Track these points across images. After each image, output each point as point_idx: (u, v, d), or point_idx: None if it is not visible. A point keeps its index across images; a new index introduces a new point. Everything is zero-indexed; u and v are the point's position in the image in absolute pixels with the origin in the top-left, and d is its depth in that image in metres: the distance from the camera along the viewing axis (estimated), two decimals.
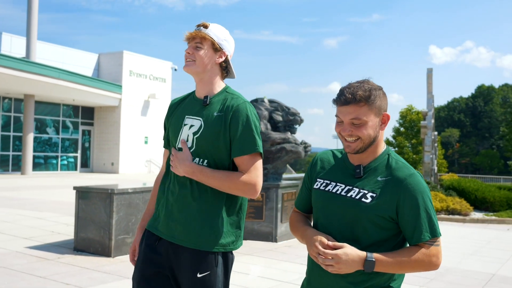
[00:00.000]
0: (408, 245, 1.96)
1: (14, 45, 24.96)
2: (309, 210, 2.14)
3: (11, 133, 25.01)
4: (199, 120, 2.34)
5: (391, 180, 1.90)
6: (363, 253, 1.83)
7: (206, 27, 2.36)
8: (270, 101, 9.14)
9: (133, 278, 2.39)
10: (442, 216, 12.58)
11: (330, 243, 1.86)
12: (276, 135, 8.66)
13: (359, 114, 1.89)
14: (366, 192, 1.91)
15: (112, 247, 6.39)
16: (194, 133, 2.33)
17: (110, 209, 6.41)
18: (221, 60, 2.37)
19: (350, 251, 1.83)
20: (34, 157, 25.16)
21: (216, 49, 2.35)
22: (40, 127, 26.33)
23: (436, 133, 17.81)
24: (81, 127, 28.63)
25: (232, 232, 2.32)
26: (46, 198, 13.19)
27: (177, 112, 2.46)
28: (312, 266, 2.00)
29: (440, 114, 72.39)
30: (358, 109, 1.89)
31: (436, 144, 18.04)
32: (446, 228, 10.95)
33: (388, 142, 34.99)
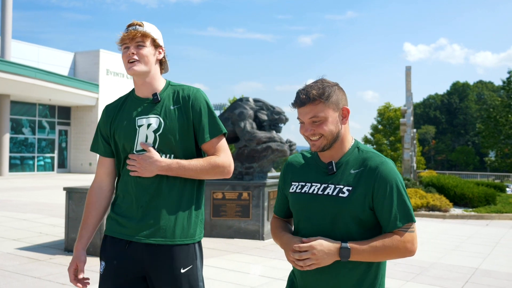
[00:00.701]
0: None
1: None
2: (289, 215, 2.16)
3: None
4: (157, 117, 2.31)
5: (364, 170, 1.92)
6: (337, 242, 1.85)
7: (141, 25, 2.33)
8: (255, 100, 9.20)
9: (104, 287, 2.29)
10: (423, 212, 12.82)
11: (305, 239, 1.87)
12: (262, 134, 8.73)
13: (317, 112, 1.91)
14: (342, 186, 1.92)
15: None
16: (155, 131, 2.29)
17: None
18: (161, 56, 2.38)
19: (324, 242, 1.84)
20: (10, 157, 24.75)
21: (156, 45, 2.35)
22: (16, 127, 25.90)
23: (415, 130, 18.12)
24: (57, 127, 28.26)
25: (200, 222, 2.34)
26: (27, 199, 13.01)
27: (121, 117, 2.38)
28: (299, 275, 2.02)
29: (416, 111, 73.47)
30: (315, 108, 1.91)
31: (414, 142, 18.36)
32: (427, 224, 11.18)
33: (366, 140, 35.43)
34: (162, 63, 2.41)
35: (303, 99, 1.91)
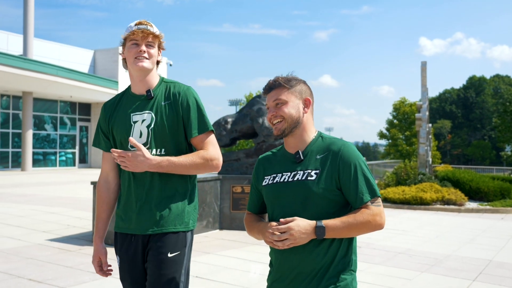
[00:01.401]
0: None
1: (11, 43, 25.08)
2: (262, 210, 2.27)
3: (10, 130, 25.19)
4: (149, 113, 2.42)
5: (328, 154, 2.06)
6: (313, 222, 1.96)
7: (151, 26, 2.44)
8: None
9: (124, 279, 2.48)
10: (438, 206, 12.96)
11: (282, 219, 1.97)
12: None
13: (280, 95, 2.08)
14: (310, 171, 2.05)
15: None
16: (148, 126, 2.41)
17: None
18: (160, 57, 2.52)
19: (300, 222, 1.95)
20: (34, 153, 25.34)
21: (160, 47, 2.48)
22: (39, 123, 26.49)
23: (430, 125, 18.20)
24: (78, 123, 28.82)
25: (193, 212, 2.47)
26: (52, 194, 13.46)
27: (118, 114, 2.50)
28: (276, 256, 2.13)
29: (432, 106, 72.94)
30: (279, 92, 2.09)
31: (430, 136, 18.44)
32: (442, 218, 11.35)
33: (381, 135, 35.38)
34: (158, 62, 2.53)
35: (271, 84, 2.12)
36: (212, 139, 2.48)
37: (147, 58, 2.40)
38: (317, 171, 2.04)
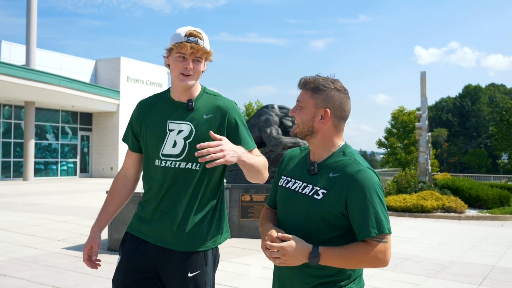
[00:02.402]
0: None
1: (14, 53, 25.29)
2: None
3: (12, 140, 25.33)
4: (188, 124, 2.30)
5: (341, 176, 1.88)
6: (309, 246, 1.82)
7: (202, 38, 2.27)
8: (280, 107, 9.69)
9: (115, 282, 2.36)
10: (439, 214, 13.20)
11: (280, 234, 1.85)
12: (287, 140, 9.22)
13: (302, 98, 1.97)
14: (318, 188, 1.90)
15: None
16: (185, 138, 2.29)
17: None
18: (205, 68, 2.35)
19: (296, 244, 1.82)
20: (35, 163, 25.47)
21: (206, 59, 2.32)
22: (40, 133, 26.64)
23: (430, 134, 18.48)
24: (80, 133, 28.99)
25: (217, 231, 2.36)
26: (60, 202, 13.62)
27: (152, 116, 2.38)
28: (274, 267, 2.09)
29: (428, 114, 73.21)
30: (303, 94, 1.97)
31: (429, 145, 18.72)
32: (443, 225, 11.58)
33: (380, 143, 35.67)
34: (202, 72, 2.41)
35: (302, 82, 1.99)
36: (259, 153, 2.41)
37: (192, 75, 2.28)
38: (325, 191, 1.89)
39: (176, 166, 2.29)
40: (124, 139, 2.51)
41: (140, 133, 2.41)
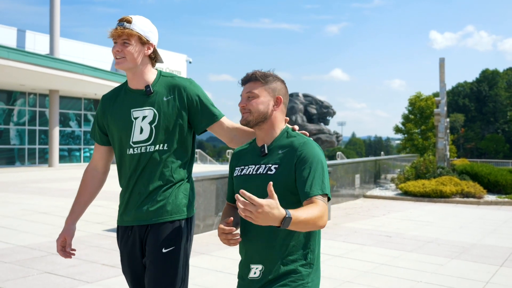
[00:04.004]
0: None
1: (38, 42, 25.83)
2: None
3: (37, 127, 25.98)
4: (151, 109, 2.38)
5: (288, 150, 2.09)
6: (283, 211, 1.77)
7: (129, 22, 2.34)
8: (305, 96, 10.07)
9: (124, 272, 2.50)
10: (458, 199, 13.46)
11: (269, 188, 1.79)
12: (312, 127, 9.60)
13: (253, 89, 2.13)
14: (270, 165, 2.10)
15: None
16: (150, 123, 2.37)
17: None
18: (149, 52, 2.41)
19: (274, 206, 1.74)
20: (60, 149, 26.13)
21: (143, 42, 2.36)
22: (64, 120, 27.26)
23: (448, 119, 18.65)
24: None
25: (190, 199, 2.46)
26: None
27: (116, 109, 2.46)
28: (243, 236, 2.17)
29: None
30: (253, 85, 2.14)
31: (448, 131, 18.91)
32: (462, 210, 11.86)
33: (397, 129, 35.76)
34: (153, 57, 2.45)
35: (248, 77, 2.17)
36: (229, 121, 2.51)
37: (123, 57, 2.35)
38: (276, 166, 2.08)
39: (147, 150, 2.38)
40: (92, 135, 2.62)
41: (107, 127, 2.49)
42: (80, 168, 24.65)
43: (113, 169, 2.49)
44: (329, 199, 2.03)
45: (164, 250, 2.33)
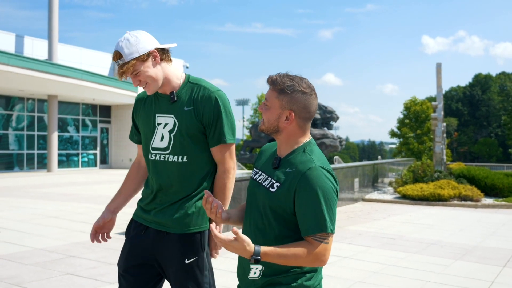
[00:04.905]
0: None
1: (36, 48, 25.91)
2: None
3: (35, 133, 26.02)
4: (171, 117, 2.35)
5: (294, 171, 1.91)
6: (251, 248, 1.81)
7: (121, 57, 2.25)
8: None
9: (118, 265, 2.49)
10: (455, 202, 13.69)
11: (234, 229, 1.82)
12: (316, 131, 9.80)
13: (269, 98, 1.98)
14: (274, 181, 1.95)
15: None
16: (170, 131, 2.35)
17: None
18: (158, 58, 2.31)
19: (238, 247, 1.81)
20: (58, 154, 26.19)
21: (145, 59, 2.27)
22: (62, 126, 27.31)
23: (445, 124, 18.94)
24: (99, 125, 29.61)
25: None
26: (94, 192, 14.25)
27: (144, 110, 2.47)
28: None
29: None
30: (270, 93, 1.98)
31: (445, 135, 19.20)
32: (460, 214, 12.09)
33: (393, 133, 36.11)
34: (165, 57, 2.37)
35: (270, 81, 1.99)
36: (230, 151, 2.43)
37: (147, 83, 2.33)
38: (279, 185, 1.93)
39: (165, 159, 2.37)
40: (130, 137, 2.65)
41: (139, 127, 2.54)
42: (79, 173, 24.73)
43: (119, 173, 2.62)
44: (331, 233, 1.86)
45: (187, 261, 2.33)
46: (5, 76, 20.14)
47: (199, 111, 2.33)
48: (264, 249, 1.82)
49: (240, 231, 2.00)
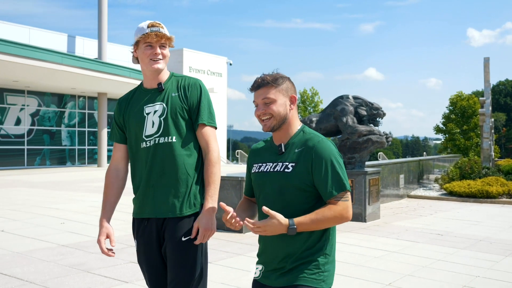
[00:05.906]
0: None
1: (86, 47, 26.90)
2: (254, 193, 2.40)
3: (86, 129, 27.06)
4: (161, 104, 2.57)
5: (305, 148, 2.17)
6: (286, 222, 2.07)
7: (163, 28, 2.56)
8: (355, 98, 10.32)
9: (139, 263, 2.65)
10: (504, 199, 13.46)
11: (264, 208, 2.08)
12: (362, 128, 9.86)
13: (268, 94, 2.18)
14: (287, 163, 2.17)
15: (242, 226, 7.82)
16: (160, 116, 2.55)
17: (241, 193, 7.82)
18: (169, 54, 2.66)
19: (275, 223, 2.06)
20: (107, 150, 27.12)
21: (171, 46, 2.62)
22: (110, 122, 28.21)
23: (493, 119, 18.56)
24: None
25: (203, 194, 2.58)
26: None
27: (131, 107, 2.65)
28: (261, 243, 2.32)
29: None
30: (267, 90, 2.19)
31: (492, 131, 18.82)
32: (510, 211, 11.89)
33: (438, 129, 35.47)
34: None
35: (259, 82, 2.22)
36: (212, 134, 2.62)
37: (161, 59, 2.58)
38: (294, 164, 2.16)
39: (157, 142, 2.55)
40: (111, 137, 2.76)
41: (124, 124, 2.67)
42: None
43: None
44: (348, 191, 2.15)
45: (183, 239, 2.49)
46: (58, 75, 21.03)
47: (186, 95, 2.59)
48: (296, 219, 2.08)
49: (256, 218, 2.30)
